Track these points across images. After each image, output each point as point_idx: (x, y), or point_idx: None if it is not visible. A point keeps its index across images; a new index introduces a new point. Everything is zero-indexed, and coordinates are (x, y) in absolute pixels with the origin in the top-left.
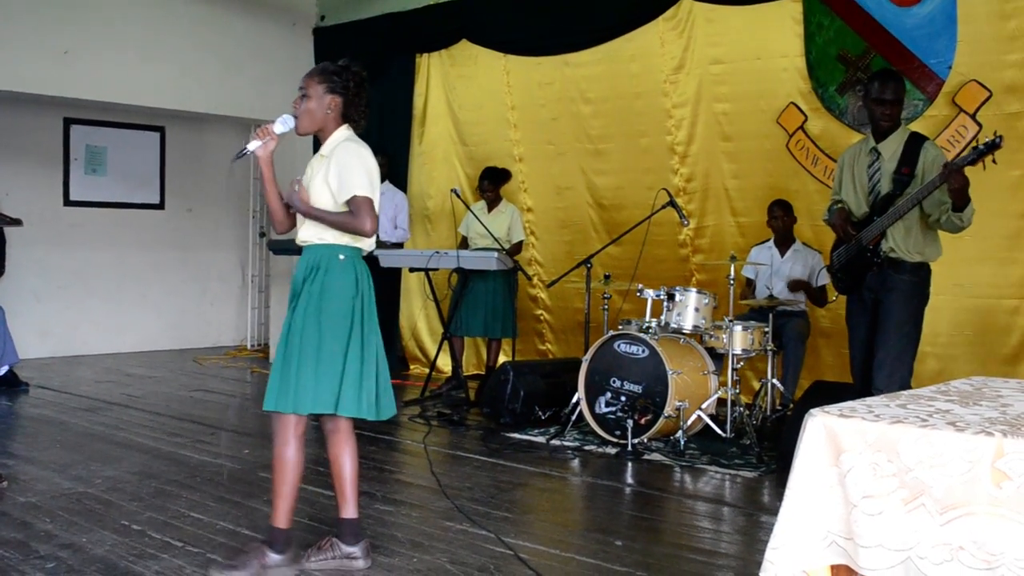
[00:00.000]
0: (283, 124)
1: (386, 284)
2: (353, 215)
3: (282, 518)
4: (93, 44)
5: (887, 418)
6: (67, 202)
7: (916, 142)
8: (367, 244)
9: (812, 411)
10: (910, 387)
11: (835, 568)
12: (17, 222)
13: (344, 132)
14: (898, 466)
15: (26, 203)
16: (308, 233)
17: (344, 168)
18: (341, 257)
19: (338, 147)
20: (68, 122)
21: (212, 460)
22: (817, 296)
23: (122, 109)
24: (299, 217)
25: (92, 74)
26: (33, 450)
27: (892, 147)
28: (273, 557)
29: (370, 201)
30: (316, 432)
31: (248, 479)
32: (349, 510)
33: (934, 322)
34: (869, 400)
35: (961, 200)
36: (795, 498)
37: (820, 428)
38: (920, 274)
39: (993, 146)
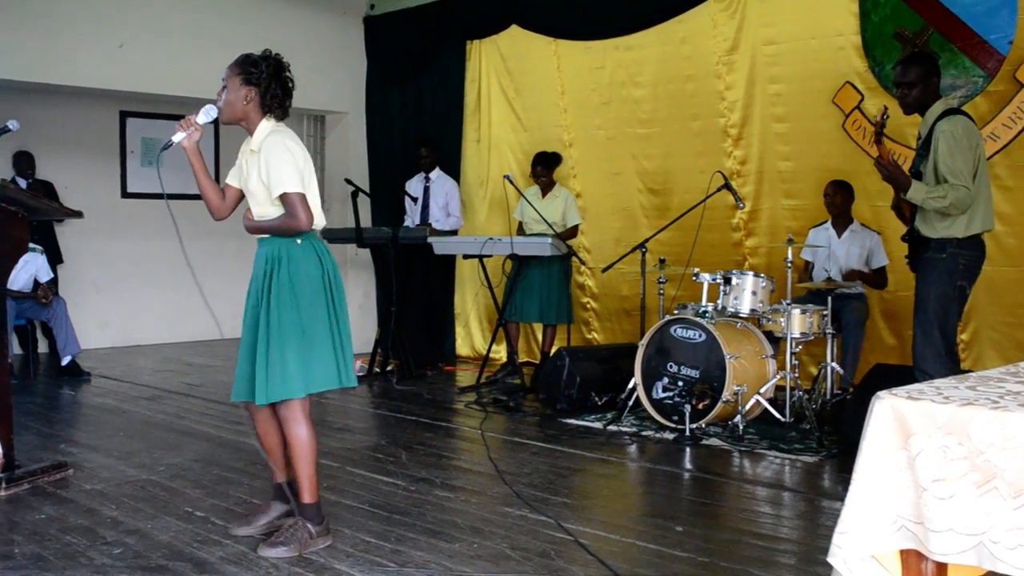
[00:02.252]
0: (206, 115)
1: (440, 271)
2: (287, 214)
3: (312, 493)
4: (147, 38)
5: (957, 400)
6: (124, 194)
7: (940, 119)
8: (319, 223)
9: (879, 394)
10: (941, 364)
11: (904, 553)
12: (78, 214)
13: (268, 124)
14: (969, 449)
15: (85, 196)
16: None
17: (272, 165)
18: (299, 242)
19: (265, 142)
20: (124, 115)
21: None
22: (874, 280)
23: (176, 101)
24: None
25: (146, 67)
26: (97, 438)
27: (924, 126)
28: (314, 530)
29: (301, 196)
30: (374, 419)
31: None
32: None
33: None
34: (937, 382)
35: (892, 185)
36: (863, 482)
37: (888, 411)
38: (947, 249)
39: (880, 124)
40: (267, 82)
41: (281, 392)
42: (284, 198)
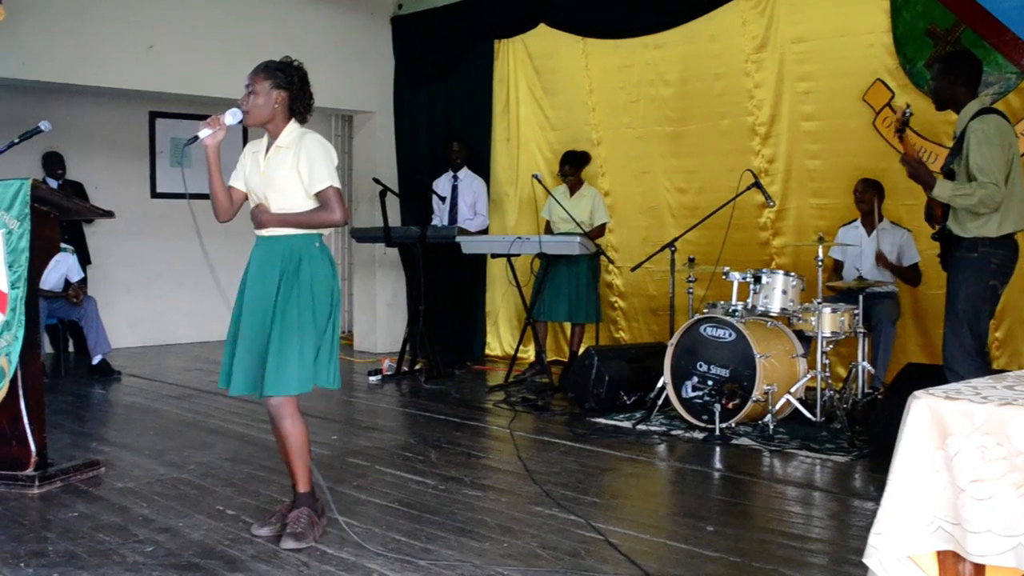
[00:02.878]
0: (233, 116)
1: (470, 271)
2: (323, 207)
3: (307, 483)
4: (176, 39)
5: (995, 400)
6: (154, 194)
7: (974, 118)
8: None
9: (916, 393)
10: (972, 364)
11: (941, 554)
12: (109, 214)
13: (296, 126)
14: (1008, 449)
15: (115, 196)
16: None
17: (313, 160)
18: (317, 244)
19: (303, 139)
20: (153, 116)
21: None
22: (907, 276)
23: (205, 102)
24: (262, 203)
25: (175, 68)
26: (128, 437)
27: (959, 124)
28: (320, 519)
29: (339, 191)
30: (403, 418)
31: (337, 464)
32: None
33: None
34: (974, 381)
35: (919, 183)
36: (899, 482)
37: (925, 411)
38: (979, 249)
39: (902, 120)
40: (298, 86)
41: (294, 386)
42: (324, 193)
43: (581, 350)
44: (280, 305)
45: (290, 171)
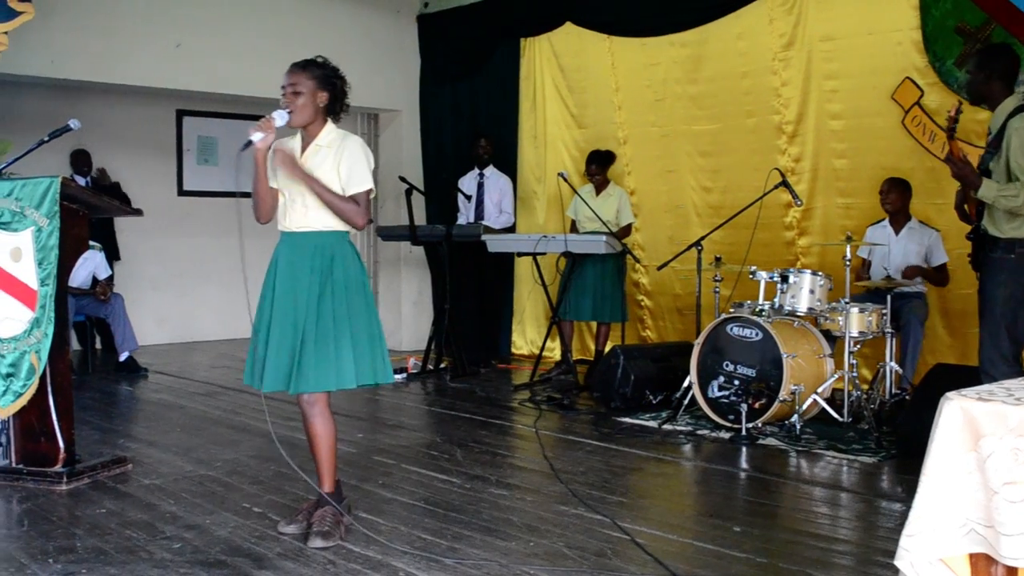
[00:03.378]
0: (280, 118)
1: (494, 269)
2: (355, 208)
3: (334, 481)
4: (203, 37)
5: None
6: (181, 192)
7: (1013, 115)
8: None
9: (948, 394)
10: (1009, 368)
11: (974, 556)
12: (138, 212)
13: (333, 126)
14: None
15: (142, 193)
16: (316, 219)
17: (355, 161)
18: (348, 241)
19: (345, 140)
20: (180, 114)
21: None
22: (935, 277)
23: (231, 100)
24: (292, 202)
25: (203, 66)
26: (155, 434)
27: (995, 122)
28: (342, 515)
29: (370, 199)
30: (428, 416)
31: (363, 463)
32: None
33: None
34: (1008, 383)
35: (962, 183)
36: (931, 484)
37: (957, 412)
38: (1015, 250)
39: (953, 120)
40: (340, 87)
41: (326, 383)
42: (359, 195)
43: (607, 349)
44: (314, 301)
45: (331, 170)
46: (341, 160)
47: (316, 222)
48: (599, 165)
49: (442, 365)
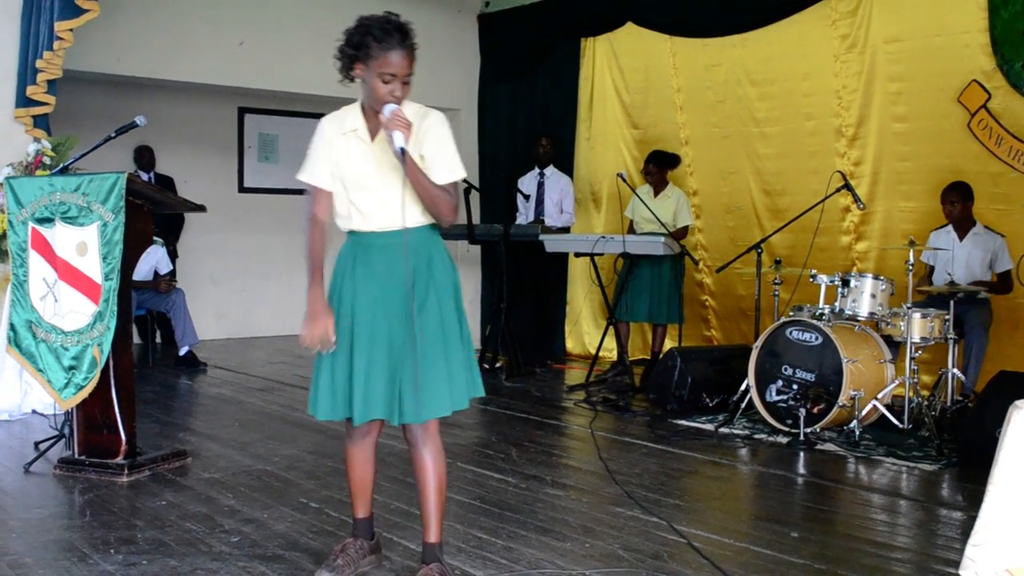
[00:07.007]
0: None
1: (552, 269)
2: (452, 201)
3: (441, 530)
4: (265, 36)
5: None
6: (241, 188)
7: None
8: None
9: (1017, 403)
10: None
11: None
12: (200, 208)
13: (409, 101)
14: None
15: (204, 190)
16: (410, 214)
17: (444, 144)
18: (440, 241)
19: (428, 116)
20: (242, 111)
21: (383, 441)
22: (999, 285)
23: (292, 98)
24: (376, 195)
25: (264, 65)
26: (213, 428)
27: None
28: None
29: (460, 189)
30: (483, 415)
31: None
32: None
33: None
34: None
35: None
36: (1000, 494)
37: None
38: None
39: None
40: None
41: (447, 405)
42: (454, 185)
43: (664, 351)
44: (417, 312)
45: (412, 152)
46: (424, 141)
47: (410, 218)
48: (657, 165)
49: (498, 364)
